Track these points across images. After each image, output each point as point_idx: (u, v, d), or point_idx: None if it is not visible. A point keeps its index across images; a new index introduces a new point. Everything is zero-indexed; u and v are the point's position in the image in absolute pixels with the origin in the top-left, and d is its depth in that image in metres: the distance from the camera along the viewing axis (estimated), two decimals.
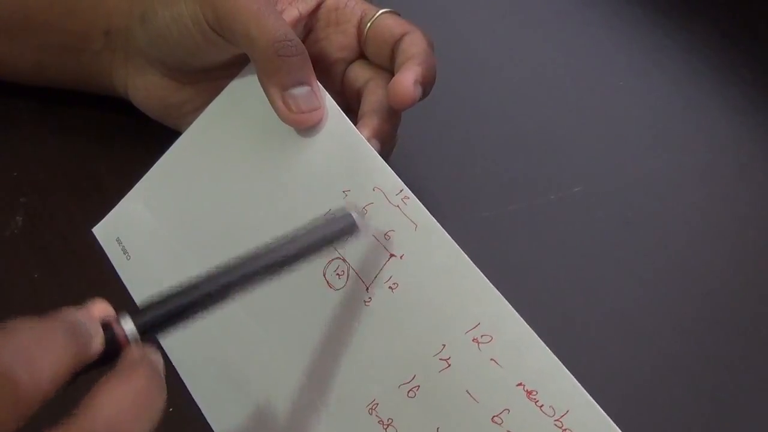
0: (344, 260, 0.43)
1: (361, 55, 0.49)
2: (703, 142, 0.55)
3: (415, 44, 0.46)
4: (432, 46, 0.47)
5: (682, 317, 0.48)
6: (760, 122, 0.56)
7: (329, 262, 0.43)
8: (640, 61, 0.60)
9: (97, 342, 0.30)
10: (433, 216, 0.51)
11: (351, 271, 0.43)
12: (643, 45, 0.61)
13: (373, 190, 0.43)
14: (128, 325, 0.32)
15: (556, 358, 0.37)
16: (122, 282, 0.48)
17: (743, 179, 0.54)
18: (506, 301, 0.39)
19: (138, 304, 0.33)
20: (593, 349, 0.46)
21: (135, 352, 0.31)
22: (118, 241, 0.49)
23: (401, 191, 0.42)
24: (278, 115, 0.44)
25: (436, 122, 0.56)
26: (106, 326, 0.31)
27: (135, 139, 0.56)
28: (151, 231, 0.49)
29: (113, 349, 0.31)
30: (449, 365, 0.39)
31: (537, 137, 0.55)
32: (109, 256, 0.49)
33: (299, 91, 0.43)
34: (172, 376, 0.45)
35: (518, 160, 0.54)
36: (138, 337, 0.32)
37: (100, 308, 0.32)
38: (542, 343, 0.38)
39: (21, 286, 0.49)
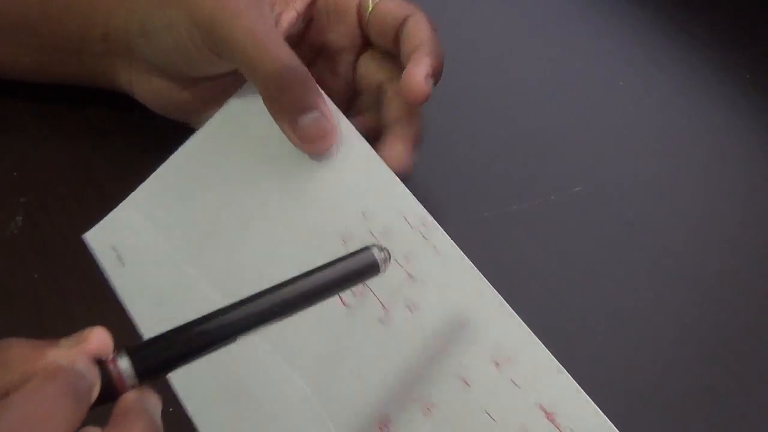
0: None
1: (367, 42, 0.49)
2: (703, 142, 0.55)
3: (420, 29, 0.46)
4: (435, 29, 0.46)
5: (682, 317, 0.48)
6: (760, 122, 0.56)
7: None
8: (640, 61, 0.60)
9: (96, 391, 0.29)
10: (434, 216, 0.52)
11: (367, 290, 0.43)
12: (643, 45, 0.61)
13: (395, 214, 0.44)
14: (125, 366, 0.30)
15: (575, 383, 0.38)
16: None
17: (743, 179, 0.54)
18: (527, 327, 0.40)
19: (138, 341, 0.31)
20: (593, 349, 0.46)
21: (131, 399, 0.30)
22: (114, 248, 0.48)
23: (423, 218, 0.43)
24: (292, 143, 0.43)
25: (436, 122, 0.56)
26: (103, 365, 0.30)
27: (135, 139, 0.56)
28: (149, 240, 0.48)
29: (109, 392, 0.30)
30: (468, 385, 0.40)
31: (537, 137, 0.55)
32: (100, 262, 0.48)
33: (309, 117, 0.42)
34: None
35: (518, 160, 0.54)
36: (135, 379, 0.30)
37: (98, 339, 0.30)
38: (562, 367, 0.39)
39: (21, 286, 0.49)
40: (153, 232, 0.48)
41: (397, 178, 0.44)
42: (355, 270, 0.35)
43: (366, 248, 0.36)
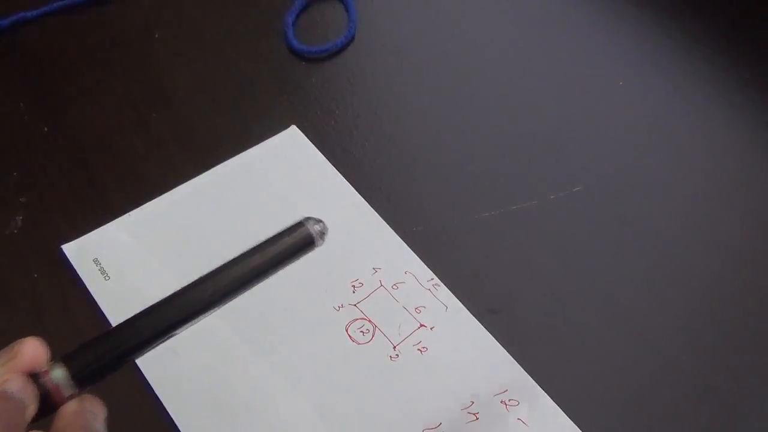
0: (370, 321, 0.47)
1: None
2: (703, 142, 0.55)
3: None
4: None
5: (681, 316, 0.48)
6: (760, 122, 0.56)
7: (353, 321, 0.46)
8: (640, 61, 0.60)
9: (33, 410, 0.27)
10: (434, 216, 0.52)
11: (377, 331, 0.46)
12: (643, 45, 0.60)
13: (405, 273, 0.48)
14: (61, 376, 0.28)
15: (578, 429, 0.43)
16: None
17: (743, 179, 0.54)
18: (532, 379, 0.44)
19: (75, 348, 0.29)
20: (593, 348, 0.46)
21: (69, 412, 0.28)
22: (96, 261, 0.49)
23: (432, 279, 0.48)
24: None
25: (436, 123, 0.56)
26: (38, 378, 0.28)
27: (135, 139, 0.56)
28: (138, 258, 0.49)
29: (49, 406, 0.28)
30: (477, 419, 0.43)
31: (537, 137, 0.55)
32: (80, 273, 0.49)
33: None
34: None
35: (518, 160, 0.54)
36: (74, 388, 0.28)
37: (30, 352, 0.28)
38: (567, 417, 0.43)
39: (21, 286, 0.49)
40: (143, 252, 0.49)
41: (410, 250, 0.49)
42: (292, 247, 0.33)
43: (300, 223, 0.33)
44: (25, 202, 0.52)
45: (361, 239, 0.50)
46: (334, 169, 0.53)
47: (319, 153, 0.54)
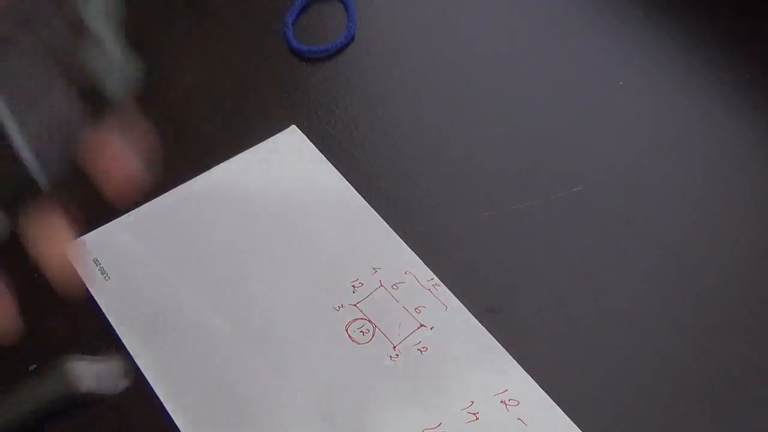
0: (370, 321, 0.47)
1: None
2: (703, 142, 0.55)
3: None
4: None
5: (682, 317, 0.48)
6: (760, 122, 0.56)
7: (353, 321, 0.47)
8: (640, 61, 0.60)
9: None
10: (434, 216, 0.52)
11: (377, 331, 0.46)
12: (643, 45, 0.60)
13: (405, 273, 0.48)
14: None
15: (578, 429, 0.43)
16: None
17: (743, 179, 0.54)
18: (532, 379, 0.44)
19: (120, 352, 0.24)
20: (593, 349, 0.46)
21: None
22: (96, 261, 0.49)
23: (432, 279, 0.48)
24: None
25: (436, 123, 0.56)
26: None
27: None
28: (137, 257, 0.50)
29: None
30: (477, 419, 0.43)
31: (537, 137, 0.55)
32: (80, 273, 0.49)
33: None
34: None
35: (518, 160, 0.54)
36: None
37: None
38: (567, 417, 0.43)
39: (21, 286, 0.49)
40: (143, 252, 0.49)
41: (409, 249, 0.49)
42: (53, 400, 0.24)
43: (59, 366, 0.24)
44: (25, 202, 0.52)
45: (361, 239, 0.50)
46: (334, 169, 0.53)
47: (319, 153, 0.54)
